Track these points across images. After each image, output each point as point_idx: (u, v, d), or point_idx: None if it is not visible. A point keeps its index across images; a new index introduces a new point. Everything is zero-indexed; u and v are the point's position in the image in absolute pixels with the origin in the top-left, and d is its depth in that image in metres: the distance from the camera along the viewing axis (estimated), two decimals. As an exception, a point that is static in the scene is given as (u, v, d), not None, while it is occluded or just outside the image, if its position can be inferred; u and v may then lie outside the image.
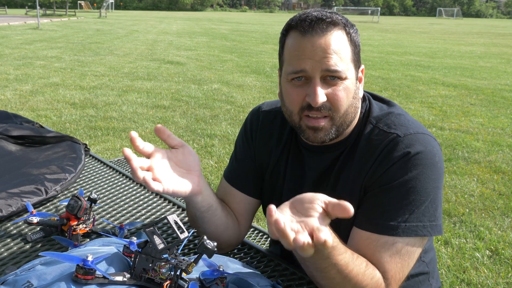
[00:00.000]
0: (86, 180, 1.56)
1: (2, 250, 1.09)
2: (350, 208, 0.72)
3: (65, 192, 1.45)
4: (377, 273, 0.89)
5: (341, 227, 0.99)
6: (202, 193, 0.97)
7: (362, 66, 1.02)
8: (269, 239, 1.55)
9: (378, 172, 0.93)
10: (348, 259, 0.84)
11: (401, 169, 0.91)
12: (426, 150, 0.92)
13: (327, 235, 0.68)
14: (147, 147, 0.87)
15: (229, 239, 1.10)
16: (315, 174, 1.05)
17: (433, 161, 0.92)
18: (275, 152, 1.11)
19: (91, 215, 1.15)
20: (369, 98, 1.07)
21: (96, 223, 1.23)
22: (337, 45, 0.92)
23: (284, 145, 1.10)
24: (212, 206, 1.01)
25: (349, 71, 0.94)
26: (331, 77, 0.92)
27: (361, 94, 1.02)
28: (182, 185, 0.91)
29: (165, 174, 0.88)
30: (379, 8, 57.12)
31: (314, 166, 1.05)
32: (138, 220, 1.28)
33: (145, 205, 1.39)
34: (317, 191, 1.05)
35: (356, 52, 0.97)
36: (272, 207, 0.70)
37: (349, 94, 0.95)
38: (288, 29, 0.97)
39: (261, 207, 1.18)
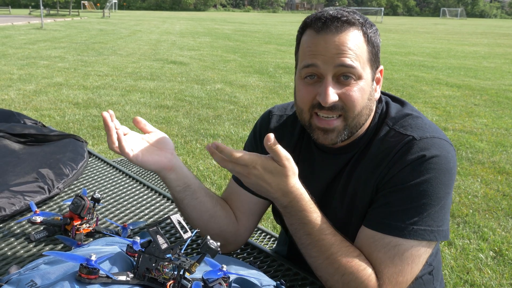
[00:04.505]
0: (90, 179, 1.56)
1: (6, 249, 1.09)
2: None
3: (69, 192, 1.45)
4: (370, 267, 0.89)
5: (351, 227, 0.98)
6: (175, 170, 1.00)
7: (381, 67, 1.00)
8: (272, 239, 1.54)
9: (391, 173, 0.92)
10: (332, 240, 0.89)
11: (415, 172, 0.89)
12: (442, 155, 0.90)
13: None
14: (123, 128, 0.96)
15: (222, 233, 1.06)
16: (327, 175, 1.04)
17: (447, 166, 0.90)
18: None
19: (95, 214, 1.15)
20: (386, 99, 1.04)
21: (99, 222, 1.23)
22: (352, 43, 0.90)
23: (295, 146, 1.09)
24: (189, 187, 1.01)
25: (365, 71, 0.92)
26: (345, 77, 0.90)
27: (377, 96, 0.99)
28: (151, 158, 0.98)
29: (136, 145, 0.97)
30: (383, 8, 57.02)
31: (326, 167, 1.04)
32: (142, 220, 1.28)
33: (148, 205, 1.39)
34: (328, 192, 1.04)
35: (374, 52, 0.95)
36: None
37: (364, 95, 0.93)
38: (304, 27, 0.96)
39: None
